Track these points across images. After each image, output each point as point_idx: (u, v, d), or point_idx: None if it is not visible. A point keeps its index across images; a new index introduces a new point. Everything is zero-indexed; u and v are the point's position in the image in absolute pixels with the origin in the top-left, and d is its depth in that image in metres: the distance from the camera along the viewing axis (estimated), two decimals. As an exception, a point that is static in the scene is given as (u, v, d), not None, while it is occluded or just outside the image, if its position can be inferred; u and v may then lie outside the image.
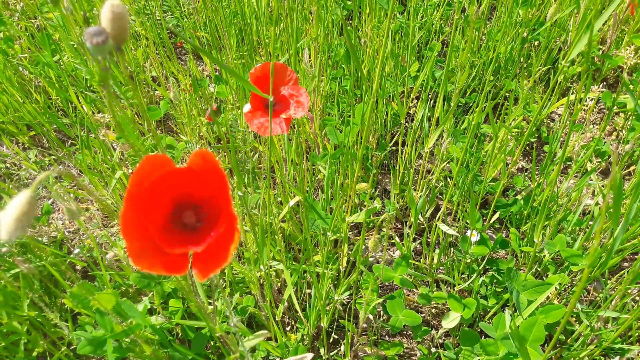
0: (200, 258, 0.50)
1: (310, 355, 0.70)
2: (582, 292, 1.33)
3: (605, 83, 1.89)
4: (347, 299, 1.31)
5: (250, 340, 0.70)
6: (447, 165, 1.46)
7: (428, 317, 1.32)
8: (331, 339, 1.26)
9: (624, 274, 1.27)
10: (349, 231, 1.47)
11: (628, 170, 1.59)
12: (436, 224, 1.23)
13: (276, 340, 1.11)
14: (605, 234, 1.26)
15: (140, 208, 0.49)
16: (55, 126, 1.70)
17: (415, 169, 1.58)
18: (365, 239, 1.43)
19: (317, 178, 1.50)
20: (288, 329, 1.24)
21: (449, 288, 1.32)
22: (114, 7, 0.42)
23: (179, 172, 0.51)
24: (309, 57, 1.34)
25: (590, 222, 1.27)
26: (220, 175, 0.50)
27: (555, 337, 0.62)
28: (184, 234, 0.54)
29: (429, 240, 1.45)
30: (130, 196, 0.48)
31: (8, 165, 1.59)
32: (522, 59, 1.75)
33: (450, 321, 1.10)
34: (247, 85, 0.63)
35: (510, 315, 0.98)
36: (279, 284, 1.26)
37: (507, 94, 1.74)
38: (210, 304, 1.05)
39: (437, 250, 1.32)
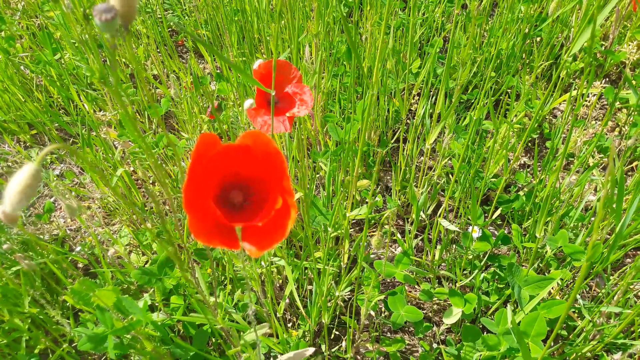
0: (255, 234, 0.51)
1: (312, 349, 0.70)
2: (583, 286, 1.32)
3: (607, 79, 1.88)
4: (349, 295, 1.30)
5: (252, 332, 0.70)
6: (449, 161, 1.46)
7: (430, 314, 1.31)
8: (332, 335, 1.26)
9: (627, 269, 1.27)
10: (350, 228, 1.47)
11: (630, 166, 1.58)
12: (438, 221, 1.22)
13: (277, 337, 1.11)
14: (608, 229, 1.25)
15: (199, 185, 0.51)
16: (56, 124, 1.70)
17: (416, 165, 1.58)
18: (368, 235, 1.43)
19: (318, 175, 1.50)
20: (289, 325, 1.24)
21: (450, 284, 1.31)
22: None
23: (229, 151, 0.52)
24: (310, 53, 1.33)
25: (593, 218, 1.26)
26: (276, 153, 0.50)
27: (555, 330, 0.61)
28: (231, 212, 0.55)
29: (430, 236, 1.45)
30: (191, 172, 0.49)
31: (10, 163, 1.59)
32: (524, 55, 1.74)
33: (452, 317, 1.09)
34: (250, 80, 0.63)
35: (512, 310, 0.97)
36: (280, 281, 1.26)
37: (508, 90, 1.73)
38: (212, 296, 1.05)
39: (438, 247, 1.32)
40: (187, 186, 0.49)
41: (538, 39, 1.83)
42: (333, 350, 1.21)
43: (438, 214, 1.37)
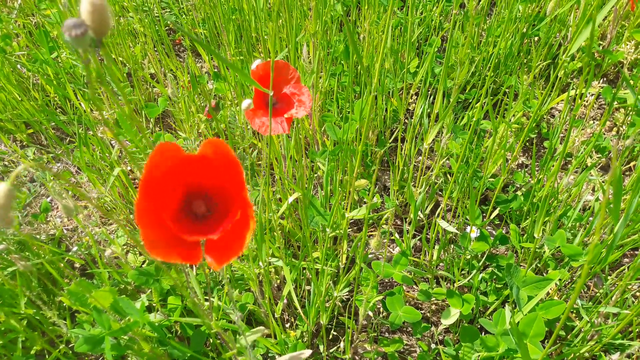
0: (215, 246, 0.50)
1: (308, 352, 0.70)
2: (582, 287, 1.32)
3: (605, 79, 1.88)
4: (347, 295, 1.30)
5: (248, 336, 0.70)
6: (447, 161, 1.46)
7: (428, 314, 1.31)
8: (331, 336, 1.26)
9: (625, 269, 1.27)
10: (349, 228, 1.47)
11: (628, 165, 1.58)
12: (436, 221, 1.22)
13: (275, 337, 1.11)
14: (605, 229, 1.25)
15: (154, 197, 0.49)
16: (53, 124, 1.69)
17: (414, 165, 1.58)
18: (368, 236, 1.43)
19: (316, 175, 1.50)
20: (287, 325, 1.24)
21: (448, 284, 1.31)
22: None
23: (190, 161, 0.50)
24: (308, 53, 1.33)
25: (591, 218, 1.26)
26: (234, 163, 0.49)
27: (555, 332, 0.61)
28: (194, 223, 0.53)
29: (428, 236, 1.44)
30: (144, 184, 0.47)
31: (6, 163, 1.58)
32: (522, 54, 1.74)
33: (450, 317, 1.09)
34: (248, 80, 0.62)
35: (510, 311, 0.97)
36: (278, 281, 1.26)
37: (507, 90, 1.73)
38: (206, 300, 1.04)
39: (436, 247, 1.31)
40: (140, 199, 0.46)
41: (536, 38, 1.83)
42: (331, 350, 1.20)
43: (436, 214, 1.37)
